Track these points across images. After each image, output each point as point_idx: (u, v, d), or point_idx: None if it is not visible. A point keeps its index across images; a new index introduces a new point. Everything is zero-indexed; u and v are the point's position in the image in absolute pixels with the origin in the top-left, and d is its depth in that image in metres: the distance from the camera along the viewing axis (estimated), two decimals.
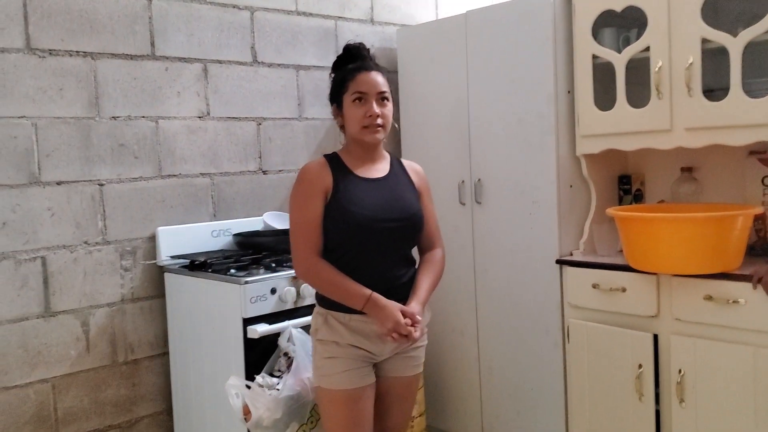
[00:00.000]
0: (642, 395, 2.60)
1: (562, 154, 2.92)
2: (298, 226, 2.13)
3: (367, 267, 2.12)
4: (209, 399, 2.78)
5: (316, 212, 2.11)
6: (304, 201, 2.13)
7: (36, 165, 2.67)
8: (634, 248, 2.57)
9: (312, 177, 2.14)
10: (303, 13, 3.40)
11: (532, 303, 3.03)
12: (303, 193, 2.14)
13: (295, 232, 2.14)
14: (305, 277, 2.17)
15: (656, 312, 2.58)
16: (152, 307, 2.97)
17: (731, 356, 2.39)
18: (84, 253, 2.79)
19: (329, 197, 2.13)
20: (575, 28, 2.85)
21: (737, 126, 2.44)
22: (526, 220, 3.02)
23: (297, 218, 2.14)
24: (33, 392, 2.69)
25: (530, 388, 3.06)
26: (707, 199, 2.89)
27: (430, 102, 3.39)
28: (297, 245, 2.14)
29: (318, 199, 2.12)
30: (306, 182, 2.14)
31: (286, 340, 2.55)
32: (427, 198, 2.32)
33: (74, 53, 2.74)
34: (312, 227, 2.11)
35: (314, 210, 2.11)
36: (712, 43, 2.49)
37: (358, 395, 2.12)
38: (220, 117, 3.13)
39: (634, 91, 2.74)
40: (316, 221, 2.11)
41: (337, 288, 2.10)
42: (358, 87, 2.13)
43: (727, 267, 2.41)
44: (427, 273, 2.25)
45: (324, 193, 2.12)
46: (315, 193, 2.12)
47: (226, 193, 3.17)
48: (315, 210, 2.11)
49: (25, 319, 2.67)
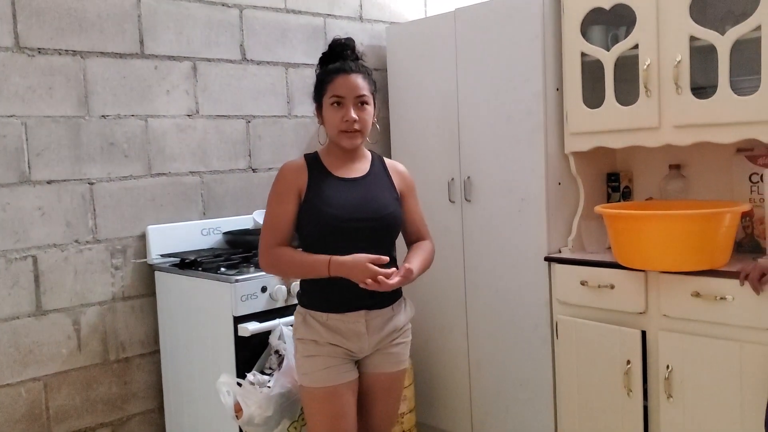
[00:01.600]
0: (630, 391, 2.62)
1: (551, 151, 2.93)
2: (267, 220, 2.19)
3: None
4: (200, 396, 2.79)
5: (287, 209, 2.15)
6: (276, 198, 2.18)
7: (26, 164, 2.66)
8: (622, 245, 2.59)
9: (287, 176, 2.18)
10: (292, 10, 3.39)
11: (520, 300, 3.04)
12: (276, 191, 2.19)
13: (264, 227, 2.20)
14: (268, 267, 2.21)
15: (644, 309, 2.60)
16: (143, 305, 2.97)
17: (718, 352, 2.42)
18: (74, 251, 2.78)
19: (303, 196, 2.15)
20: (564, 25, 2.86)
21: (725, 123, 2.46)
22: (515, 217, 3.04)
23: (268, 214, 2.19)
24: (25, 391, 2.69)
25: (519, 384, 3.08)
26: (695, 196, 2.91)
27: (420, 100, 3.39)
28: (263, 238, 2.19)
29: (290, 198, 2.15)
30: (281, 181, 2.19)
31: (276, 338, 2.56)
32: (411, 198, 2.33)
33: (63, 52, 2.73)
34: (280, 223, 2.16)
35: (284, 207, 2.15)
36: (700, 41, 2.51)
37: (338, 392, 2.14)
38: (209, 115, 3.13)
39: (623, 88, 2.75)
40: (285, 217, 2.15)
41: (298, 265, 2.14)
42: (335, 90, 2.13)
43: (715, 264, 2.43)
44: (416, 253, 2.25)
45: (297, 192, 2.16)
46: (288, 192, 2.16)
47: (215, 192, 3.17)
48: (285, 207, 2.15)
49: (16, 318, 2.66)
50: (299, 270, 2.16)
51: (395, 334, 2.23)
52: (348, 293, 2.11)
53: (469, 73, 3.16)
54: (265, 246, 2.17)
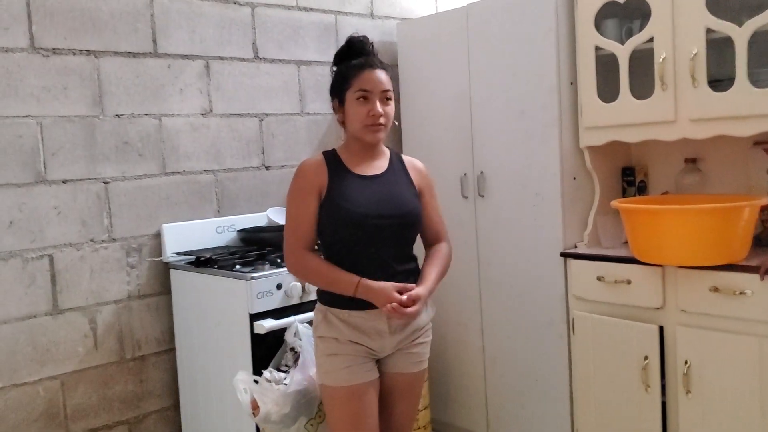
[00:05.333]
0: (648, 386, 2.61)
1: (566, 146, 2.92)
2: (290, 221, 2.17)
3: (364, 263, 2.11)
4: (216, 394, 2.79)
5: (309, 209, 2.13)
6: (297, 197, 2.16)
7: (42, 164, 2.67)
8: (639, 240, 2.57)
9: (307, 174, 2.16)
10: (303, 8, 3.39)
11: (535, 296, 3.03)
12: (297, 190, 2.16)
13: (288, 228, 2.17)
14: (293, 270, 2.19)
15: (662, 304, 2.59)
16: (158, 303, 2.98)
17: (738, 347, 2.40)
18: (90, 250, 2.79)
19: (324, 194, 2.13)
20: (578, 19, 2.85)
21: (743, 116, 2.43)
22: (529, 212, 3.03)
23: (290, 214, 2.17)
24: (42, 389, 2.70)
25: (535, 380, 3.07)
26: (711, 190, 2.89)
27: (432, 96, 3.38)
28: (287, 240, 2.17)
29: (312, 196, 2.13)
30: (301, 179, 2.16)
31: (292, 335, 2.55)
32: (429, 195, 2.30)
33: (77, 52, 2.74)
34: (303, 223, 2.14)
35: (307, 206, 2.13)
36: (716, 33, 2.49)
37: (360, 391, 2.12)
38: (222, 113, 3.13)
39: (638, 82, 2.73)
40: (307, 217, 2.13)
41: (326, 278, 2.12)
42: (362, 85, 2.12)
43: (734, 258, 2.41)
44: (433, 263, 2.25)
45: (318, 190, 2.14)
46: (309, 190, 2.14)
47: (229, 190, 3.17)
48: (308, 206, 2.13)
49: (33, 317, 2.68)
50: (325, 283, 2.14)
51: (416, 333, 2.22)
52: None
53: (481, 68, 3.15)
54: (290, 249, 2.15)
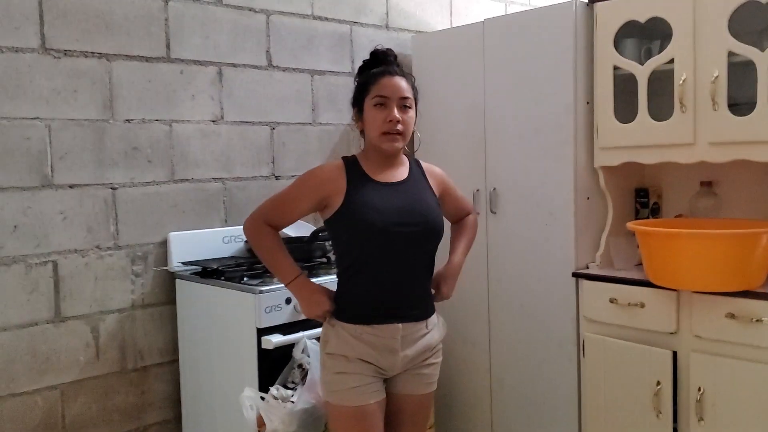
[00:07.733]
0: (660, 412, 2.57)
1: (580, 165, 2.88)
2: (277, 198, 2.17)
3: (385, 276, 2.08)
4: (220, 408, 2.74)
5: (301, 206, 2.13)
6: (300, 188, 2.13)
7: (49, 167, 2.62)
8: (655, 263, 2.53)
9: (321, 177, 2.12)
10: (318, 17, 3.35)
11: (546, 315, 2.99)
12: (303, 183, 2.14)
13: (270, 201, 2.18)
14: (249, 233, 2.19)
15: (676, 329, 2.55)
16: (162, 313, 2.92)
17: (753, 375, 2.36)
18: (95, 257, 2.74)
19: (336, 204, 2.08)
20: (596, 38, 2.82)
21: (763, 141, 2.41)
22: (541, 231, 2.99)
23: (282, 193, 2.16)
24: (41, 399, 2.64)
25: (542, 401, 3.03)
26: (726, 214, 2.86)
27: (445, 110, 3.35)
28: (261, 207, 2.18)
29: (311, 198, 2.11)
30: (313, 178, 2.13)
31: (300, 352, 2.50)
32: (448, 188, 2.33)
33: (89, 54, 2.69)
34: (286, 210, 2.14)
35: (300, 203, 2.12)
36: (738, 56, 2.46)
37: (367, 412, 2.07)
38: (233, 121, 3.09)
39: (655, 103, 2.70)
40: (294, 210, 2.14)
41: (271, 256, 2.15)
42: (379, 90, 2.09)
43: (751, 285, 2.38)
44: (461, 236, 2.39)
45: (323, 198, 2.10)
46: (313, 191, 2.11)
47: (237, 199, 3.12)
48: (301, 203, 2.12)
49: (35, 324, 2.62)
50: (268, 260, 2.17)
51: (428, 353, 2.17)
52: (382, 305, 2.07)
53: (497, 84, 3.12)
54: (258, 215, 2.16)
